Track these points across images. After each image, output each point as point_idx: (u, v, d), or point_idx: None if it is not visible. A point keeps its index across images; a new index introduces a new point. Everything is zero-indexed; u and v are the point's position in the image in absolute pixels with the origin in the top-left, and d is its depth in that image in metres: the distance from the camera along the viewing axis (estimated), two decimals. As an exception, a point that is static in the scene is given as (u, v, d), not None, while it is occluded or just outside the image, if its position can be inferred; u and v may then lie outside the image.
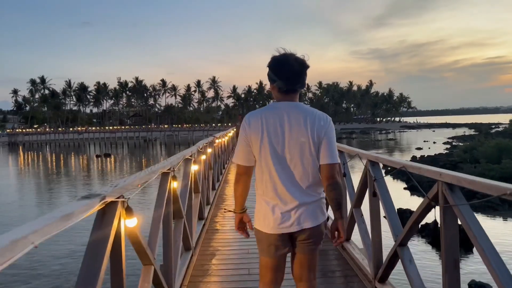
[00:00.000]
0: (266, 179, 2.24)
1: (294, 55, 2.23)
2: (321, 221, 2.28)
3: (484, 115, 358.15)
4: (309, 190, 2.24)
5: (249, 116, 2.28)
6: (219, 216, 6.43)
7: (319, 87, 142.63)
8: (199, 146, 5.50)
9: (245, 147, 2.27)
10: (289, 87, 2.23)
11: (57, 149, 64.68)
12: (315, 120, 2.22)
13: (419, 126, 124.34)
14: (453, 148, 40.52)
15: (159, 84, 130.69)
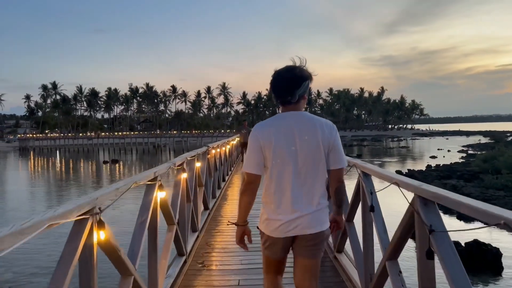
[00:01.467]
0: (275, 187, 2.29)
1: (291, 69, 2.32)
2: (325, 228, 2.35)
3: (498, 123, 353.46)
4: (316, 198, 2.29)
5: (259, 126, 2.34)
6: (207, 250, 5.03)
7: (330, 94, 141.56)
8: (174, 163, 3.80)
9: (258, 155, 2.30)
10: (280, 100, 2.33)
11: (66, 155, 64.77)
12: (324, 128, 2.30)
13: (431, 134, 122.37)
14: (469, 157, 39.23)
15: (170, 90, 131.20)
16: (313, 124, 2.29)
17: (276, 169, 2.28)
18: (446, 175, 24.88)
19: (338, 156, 2.32)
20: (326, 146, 2.29)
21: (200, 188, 5.86)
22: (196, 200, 5.14)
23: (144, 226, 2.67)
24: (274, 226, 2.30)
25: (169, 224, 3.51)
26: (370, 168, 3.36)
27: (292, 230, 2.28)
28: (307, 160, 2.26)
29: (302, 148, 2.26)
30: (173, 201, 3.70)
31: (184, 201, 4.12)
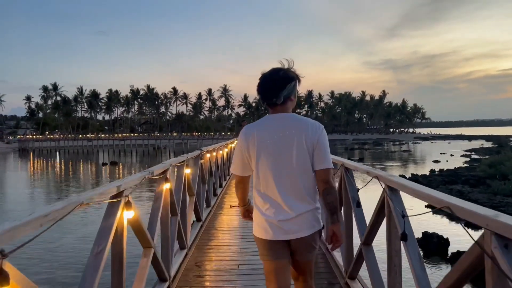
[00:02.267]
0: (263, 189, 2.30)
1: (275, 71, 2.33)
2: (316, 229, 2.32)
3: (499, 127, 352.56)
4: (304, 200, 2.26)
5: (246, 128, 2.36)
6: (197, 272, 4.25)
7: (331, 97, 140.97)
8: (151, 172, 3.04)
9: (242, 158, 2.35)
10: (266, 101, 2.34)
11: (66, 156, 64.43)
12: (308, 129, 2.27)
13: (433, 138, 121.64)
14: (473, 161, 38.70)
15: (170, 92, 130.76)
16: (299, 125, 2.28)
17: (263, 169, 2.28)
18: (451, 180, 24.43)
19: (322, 156, 2.25)
20: (310, 146, 2.25)
21: (191, 198, 5.33)
22: (185, 212, 4.63)
23: (101, 258, 2.00)
24: (266, 228, 2.28)
25: (145, 247, 2.89)
26: (400, 183, 2.43)
27: (286, 233, 2.25)
28: (293, 161, 2.24)
29: (287, 149, 2.24)
30: (151, 218, 3.12)
31: (168, 216, 3.58)
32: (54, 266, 9.72)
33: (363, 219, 3.34)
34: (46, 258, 10.28)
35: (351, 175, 3.62)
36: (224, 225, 6.26)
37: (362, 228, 3.24)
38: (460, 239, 11.12)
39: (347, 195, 3.61)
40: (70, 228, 12.95)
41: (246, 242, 5.19)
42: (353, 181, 3.55)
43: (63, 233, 12.27)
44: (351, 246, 3.72)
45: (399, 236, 2.23)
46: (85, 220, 13.99)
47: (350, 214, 3.62)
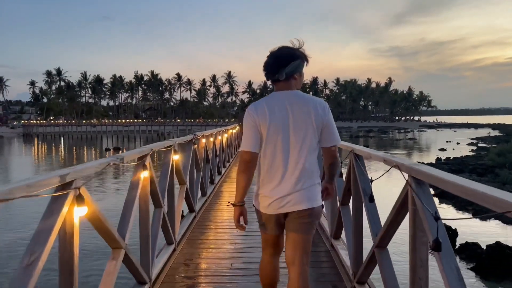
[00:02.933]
0: (268, 164, 2.34)
1: (284, 48, 2.35)
2: (316, 204, 2.35)
3: (506, 116, 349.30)
4: (307, 176, 2.31)
5: (253, 105, 2.36)
6: (185, 272, 3.77)
7: (337, 84, 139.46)
8: (120, 158, 2.49)
9: (254, 133, 2.31)
10: (269, 77, 2.35)
11: (69, 142, 64.36)
12: (317, 107, 2.31)
13: (439, 126, 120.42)
14: (480, 150, 38.08)
15: (175, 78, 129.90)
16: (306, 103, 2.31)
17: (270, 146, 2.31)
18: (458, 169, 23.92)
19: (331, 134, 2.35)
20: (319, 124, 2.30)
21: (182, 187, 4.83)
22: (173, 203, 4.13)
23: (32, 270, 1.49)
24: (266, 203, 2.35)
25: (113, 247, 2.38)
26: (433, 175, 1.81)
27: (284, 207, 2.32)
28: (300, 138, 2.29)
29: (295, 125, 2.28)
30: (124, 213, 2.59)
31: (148, 208, 3.05)
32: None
33: (377, 217, 2.76)
34: None
35: (362, 163, 3.06)
36: (221, 216, 5.78)
37: (376, 228, 2.69)
38: (470, 230, 10.63)
39: (357, 187, 3.04)
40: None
41: (243, 236, 4.72)
42: (365, 170, 2.98)
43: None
44: (361, 246, 3.16)
45: (426, 243, 1.70)
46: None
47: (360, 209, 3.07)
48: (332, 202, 4.17)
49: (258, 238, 4.38)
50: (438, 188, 1.59)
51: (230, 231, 4.88)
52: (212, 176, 7.89)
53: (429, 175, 1.73)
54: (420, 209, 1.73)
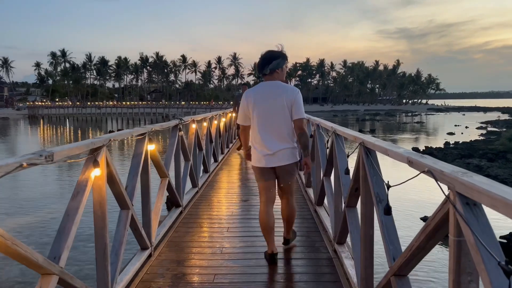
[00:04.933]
0: (256, 133, 3.46)
1: (267, 52, 3.46)
2: (293, 161, 3.49)
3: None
4: (284, 140, 3.42)
5: (247, 91, 3.56)
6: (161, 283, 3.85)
7: (344, 66, 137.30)
8: (47, 154, 1.76)
9: (245, 112, 3.54)
10: (260, 72, 3.50)
11: (75, 123, 64.13)
12: (288, 92, 3.40)
13: (447, 109, 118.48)
14: (489, 134, 37.15)
15: (180, 60, 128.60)
16: (282, 89, 3.41)
17: (256, 120, 3.44)
18: (467, 154, 23.18)
19: (297, 110, 3.38)
20: (289, 103, 3.37)
21: (163, 180, 4.20)
22: (148, 202, 3.47)
23: None
24: (260, 160, 3.47)
25: (42, 274, 1.74)
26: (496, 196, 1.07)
27: (272, 162, 3.43)
28: (273, 113, 3.38)
29: (269, 105, 3.39)
30: (63, 225, 1.96)
31: (104, 215, 2.38)
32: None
33: (395, 234, 2.07)
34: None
35: (376, 161, 2.36)
36: (210, 211, 5.12)
37: (394, 250, 2.00)
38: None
39: (368, 190, 2.36)
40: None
41: (232, 237, 4.11)
42: (379, 171, 2.25)
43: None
44: (371, 265, 2.47)
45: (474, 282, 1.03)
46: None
47: (371, 218, 2.43)
48: (336, 201, 3.58)
49: (249, 244, 3.74)
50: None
51: (218, 231, 4.29)
52: (206, 165, 7.26)
53: (486, 193, 1.05)
54: (472, 242, 1.07)
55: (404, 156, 1.63)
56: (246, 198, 5.85)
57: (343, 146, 3.55)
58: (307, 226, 4.48)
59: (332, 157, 3.86)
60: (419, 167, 1.47)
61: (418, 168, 1.49)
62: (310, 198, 5.68)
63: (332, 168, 4.10)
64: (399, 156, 1.73)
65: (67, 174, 16.22)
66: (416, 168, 1.51)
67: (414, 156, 1.57)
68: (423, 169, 1.42)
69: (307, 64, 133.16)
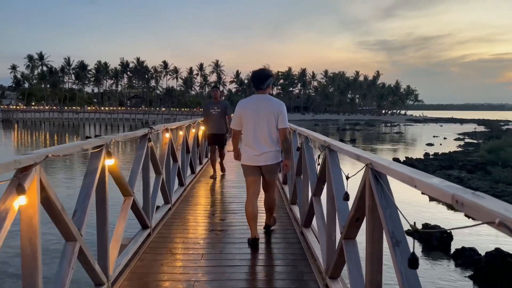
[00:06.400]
0: (247, 137, 4.18)
1: (262, 70, 4.37)
2: (276, 161, 4.24)
3: (489, 112, 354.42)
4: (270, 144, 4.15)
5: (241, 102, 4.32)
6: None
7: (325, 76, 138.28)
8: None
9: (238, 119, 4.22)
10: (255, 87, 4.26)
11: (51, 128, 62.26)
12: (275, 105, 4.17)
13: (425, 120, 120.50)
14: (467, 145, 37.62)
15: (161, 65, 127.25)
16: (270, 102, 4.18)
17: (247, 126, 4.16)
18: (448, 165, 23.22)
19: (282, 121, 4.12)
20: (275, 114, 4.11)
21: (126, 199, 3.59)
22: (105, 227, 2.89)
23: None
24: (249, 159, 4.19)
25: None
26: None
27: (259, 162, 4.16)
28: (264, 122, 4.11)
29: (260, 114, 4.11)
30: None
31: (36, 251, 1.80)
32: None
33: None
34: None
35: (388, 188, 1.84)
36: (183, 234, 4.48)
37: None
38: (465, 234, 9.68)
39: (377, 225, 1.89)
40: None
41: (207, 267, 3.53)
42: (391, 195, 1.78)
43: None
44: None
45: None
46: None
47: (379, 261, 1.94)
48: (329, 229, 3.06)
49: (226, 277, 3.16)
50: None
51: (192, 258, 3.71)
52: (182, 177, 6.62)
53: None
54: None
55: (448, 193, 1.12)
56: (224, 217, 5.27)
57: (339, 164, 3.00)
58: (293, 253, 3.92)
59: (324, 175, 3.33)
60: (479, 215, 0.96)
61: (477, 215, 0.98)
62: (295, 217, 5.14)
63: (323, 187, 3.58)
64: (437, 191, 1.21)
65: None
66: (472, 214, 1.01)
67: (466, 195, 1.06)
68: (490, 219, 0.91)
69: (289, 73, 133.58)
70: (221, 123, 8.07)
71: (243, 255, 3.86)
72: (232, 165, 9.68)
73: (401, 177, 1.54)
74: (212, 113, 8.11)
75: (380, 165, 1.80)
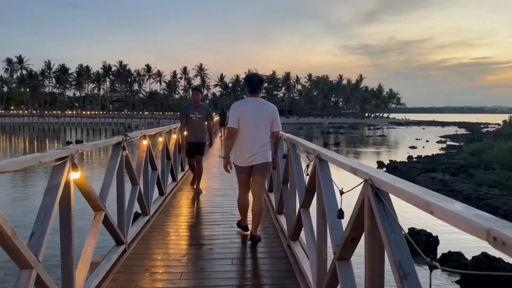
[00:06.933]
0: (242, 137, 4.42)
1: (257, 75, 4.65)
2: (268, 160, 4.51)
3: (469, 114, 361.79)
4: (262, 144, 4.43)
5: (236, 103, 4.54)
6: None
7: (309, 79, 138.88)
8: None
9: (235, 118, 4.39)
10: (253, 91, 4.51)
11: (31, 133, 60.78)
12: (269, 108, 4.47)
13: (407, 123, 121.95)
14: (449, 148, 38.13)
15: (144, 69, 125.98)
16: (265, 105, 4.48)
17: (243, 127, 4.38)
18: (431, 168, 23.34)
19: (276, 124, 4.45)
20: (270, 117, 4.42)
21: (97, 214, 3.27)
22: (69, 249, 2.54)
23: None
24: (242, 159, 4.45)
25: None
26: None
27: (252, 162, 4.42)
28: (259, 124, 4.38)
29: (257, 117, 4.38)
30: None
31: None
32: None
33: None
34: None
35: (392, 208, 1.60)
36: (161, 250, 4.14)
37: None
38: (452, 238, 9.59)
39: (378, 249, 1.64)
40: None
41: (188, 284, 3.23)
42: (395, 216, 1.54)
43: None
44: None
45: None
46: None
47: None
48: (319, 246, 2.79)
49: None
50: None
51: (169, 278, 3.40)
52: (162, 186, 6.27)
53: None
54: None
55: (481, 227, 0.87)
56: (207, 230, 4.96)
57: (330, 175, 2.71)
58: (280, 269, 3.63)
59: (313, 187, 3.06)
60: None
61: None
62: (282, 228, 4.87)
63: (312, 198, 3.32)
64: (464, 222, 0.95)
65: None
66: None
67: (506, 231, 0.81)
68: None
69: (273, 76, 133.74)
70: (202, 131, 7.29)
71: (226, 273, 3.55)
72: (216, 171, 9.39)
73: (410, 199, 1.28)
74: (192, 118, 7.18)
75: (383, 182, 1.54)
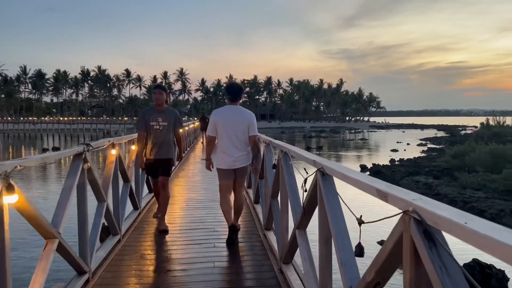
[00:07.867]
0: (222, 143, 4.75)
1: (238, 84, 5.10)
2: (247, 164, 4.89)
3: (446, 117, 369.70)
4: (242, 149, 4.78)
5: (215, 112, 4.89)
6: None
7: (290, 84, 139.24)
8: None
9: (213, 127, 4.77)
10: (233, 99, 4.86)
11: (5, 141, 58.74)
12: (246, 115, 4.82)
13: (387, 126, 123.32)
14: (430, 151, 38.32)
15: (123, 74, 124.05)
16: (242, 113, 4.82)
17: (222, 134, 4.72)
18: (414, 171, 23.20)
19: (252, 129, 4.78)
20: (247, 123, 4.75)
21: (48, 242, 2.62)
22: (5, 281, 1.98)
23: None
24: (223, 163, 4.77)
25: None
26: None
27: (233, 165, 4.76)
28: (237, 130, 4.72)
29: (234, 124, 4.71)
30: None
31: None
32: None
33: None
34: None
35: (443, 241, 1.06)
36: (132, 278, 3.51)
37: None
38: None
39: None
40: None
41: None
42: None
43: None
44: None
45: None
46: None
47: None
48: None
49: None
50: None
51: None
52: (136, 200, 5.59)
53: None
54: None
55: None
56: (183, 252, 4.37)
57: (337, 194, 2.13)
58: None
59: (312, 206, 2.52)
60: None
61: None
62: (272, 248, 4.32)
63: (310, 218, 2.77)
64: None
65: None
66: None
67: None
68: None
69: (255, 81, 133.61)
70: (167, 143, 5.34)
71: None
72: (198, 180, 8.79)
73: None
74: (154, 127, 5.29)
75: (437, 218, 1.02)
